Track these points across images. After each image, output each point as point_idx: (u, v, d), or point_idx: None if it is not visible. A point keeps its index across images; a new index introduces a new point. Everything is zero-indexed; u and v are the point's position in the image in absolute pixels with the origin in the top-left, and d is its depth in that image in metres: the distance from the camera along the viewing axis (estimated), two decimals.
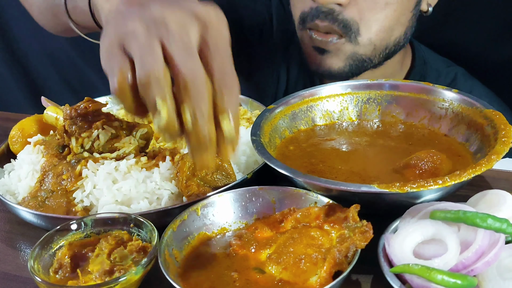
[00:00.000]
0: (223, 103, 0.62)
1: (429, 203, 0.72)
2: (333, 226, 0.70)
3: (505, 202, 0.70)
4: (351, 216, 0.69)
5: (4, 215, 0.90)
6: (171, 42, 0.60)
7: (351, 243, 0.65)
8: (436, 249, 0.66)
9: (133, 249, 0.71)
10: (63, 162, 0.88)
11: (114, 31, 0.63)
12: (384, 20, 1.08)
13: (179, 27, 0.61)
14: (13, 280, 0.76)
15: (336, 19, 1.07)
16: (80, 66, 1.99)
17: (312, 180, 0.74)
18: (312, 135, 0.95)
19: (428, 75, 1.27)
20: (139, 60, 0.60)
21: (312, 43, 1.13)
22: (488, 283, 0.62)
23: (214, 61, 0.62)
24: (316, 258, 0.66)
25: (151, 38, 0.60)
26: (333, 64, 1.13)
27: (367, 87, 0.99)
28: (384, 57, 1.15)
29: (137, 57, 0.60)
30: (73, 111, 0.90)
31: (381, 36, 1.10)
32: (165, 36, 0.60)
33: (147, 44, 0.60)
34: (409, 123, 0.96)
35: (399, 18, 1.10)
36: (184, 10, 0.62)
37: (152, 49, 0.60)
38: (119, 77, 0.61)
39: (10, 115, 1.27)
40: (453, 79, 1.27)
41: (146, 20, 0.61)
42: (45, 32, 1.08)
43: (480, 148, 0.83)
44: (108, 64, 0.62)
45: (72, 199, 0.85)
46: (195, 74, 0.60)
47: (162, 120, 0.60)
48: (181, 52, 0.60)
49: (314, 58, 1.15)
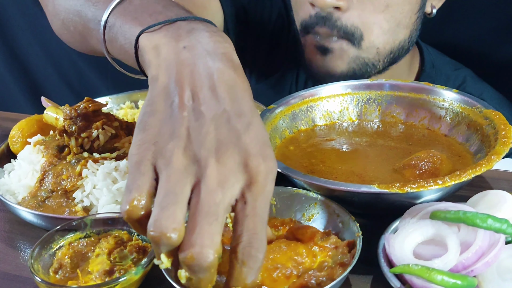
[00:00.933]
0: (240, 276, 0.53)
1: (429, 203, 0.72)
2: (322, 251, 0.68)
3: (505, 202, 0.70)
4: (342, 250, 0.68)
5: (4, 215, 0.90)
6: (202, 198, 0.52)
7: (326, 275, 0.64)
8: (436, 249, 0.66)
9: (133, 249, 0.71)
10: (63, 162, 0.88)
11: (154, 135, 0.56)
12: (385, 22, 1.06)
13: (217, 182, 0.53)
14: (13, 280, 0.76)
15: (335, 25, 1.05)
16: (80, 66, 1.99)
17: (312, 180, 0.74)
18: (312, 135, 0.96)
19: (437, 78, 1.25)
20: (160, 200, 0.52)
21: (315, 43, 1.11)
22: (488, 283, 0.62)
23: (246, 221, 0.53)
24: (291, 273, 0.65)
25: (184, 179, 0.53)
26: (336, 66, 1.11)
27: (367, 87, 0.99)
28: (388, 62, 1.14)
29: (160, 195, 0.53)
30: (73, 111, 0.90)
31: (383, 39, 1.09)
32: (199, 186, 0.53)
33: (175, 186, 0.52)
34: (409, 123, 0.96)
35: (401, 21, 1.08)
36: (235, 155, 0.54)
37: (176, 199, 0.52)
38: (134, 201, 0.53)
39: (10, 115, 1.27)
40: (462, 82, 1.26)
41: (189, 150, 0.54)
42: (45, 32, 1.08)
43: (480, 149, 0.83)
44: (133, 175, 0.55)
45: (72, 199, 0.85)
46: (203, 252, 0.51)
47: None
48: (204, 217, 0.51)
49: (316, 60, 1.13)
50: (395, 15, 1.06)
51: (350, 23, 1.05)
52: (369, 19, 1.05)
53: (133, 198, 0.53)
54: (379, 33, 1.07)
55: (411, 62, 1.26)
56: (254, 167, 0.54)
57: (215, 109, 0.57)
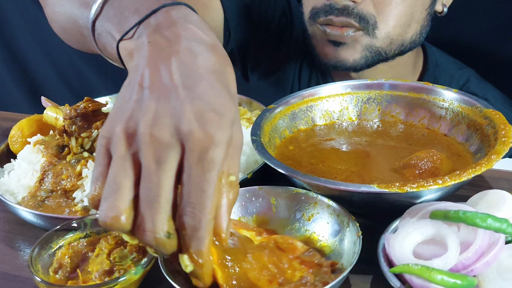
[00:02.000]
0: (184, 244, 0.55)
1: (429, 203, 0.72)
2: (302, 267, 0.67)
3: (505, 202, 0.70)
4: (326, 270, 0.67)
5: (3, 215, 0.90)
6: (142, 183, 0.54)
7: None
8: (436, 249, 0.66)
9: (132, 249, 0.71)
10: (63, 162, 0.88)
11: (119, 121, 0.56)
12: (400, 15, 1.09)
13: (154, 161, 0.53)
14: (12, 280, 0.76)
15: (352, 13, 1.07)
16: (79, 66, 1.99)
17: (312, 180, 0.74)
18: (312, 135, 0.95)
19: (440, 78, 1.26)
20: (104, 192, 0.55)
21: (326, 37, 1.13)
22: (488, 283, 0.62)
23: (185, 191, 0.54)
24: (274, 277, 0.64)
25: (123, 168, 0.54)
26: (349, 55, 1.12)
27: (367, 87, 0.99)
28: (398, 52, 1.16)
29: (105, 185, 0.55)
30: (73, 111, 0.90)
31: (397, 31, 1.11)
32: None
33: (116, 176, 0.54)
34: (409, 123, 0.96)
35: (413, 14, 1.11)
36: (169, 126, 0.53)
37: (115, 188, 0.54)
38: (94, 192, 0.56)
39: (10, 115, 1.27)
40: (466, 82, 1.27)
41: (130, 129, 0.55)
42: (45, 32, 1.07)
43: (480, 148, 0.83)
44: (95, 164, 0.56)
45: (71, 199, 0.85)
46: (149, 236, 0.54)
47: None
48: (146, 204, 0.54)
49: (328, 51, 1.14)
50: (407, 9, 1.09)
51: (366, 11, 1.08)
52: (383, 10, 1.08)
53: (93, 189, 0.56)
54: (391, 24, 1.10)
55: (416, 62, 1.27)
56: (186, 134, 0.53)
57: (163, 86, 0.56)
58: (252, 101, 1.12)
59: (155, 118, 0.54)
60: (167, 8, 0.64)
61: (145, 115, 0.54)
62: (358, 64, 1.13)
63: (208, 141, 0.53)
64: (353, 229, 0.70)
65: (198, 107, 0.54)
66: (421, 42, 1.19)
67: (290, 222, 0.76)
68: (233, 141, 0.56)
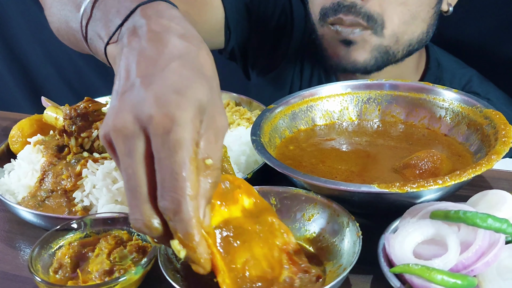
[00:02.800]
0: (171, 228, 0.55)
1: (429, 203, 0.72)
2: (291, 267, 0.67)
3: (505, 202, 0.70)
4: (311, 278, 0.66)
5: (3, 215, 0.90)
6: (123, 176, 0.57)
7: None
8: (436, 249, 0.66)
9: (132, 249, 0.71)
10: (63, 162, 0.88)
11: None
12: (404, 13, 1.10)
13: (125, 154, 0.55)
14: (12, 280, 0.76)
15: (359, 12, 1.08)
16: (80, 66, 1.99)
17: (312, 180, 0.74)
18: (312, 135, 0.95)
19: (442, 77, 1.27)
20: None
21: (338, 37, 1.13)
22: (488, 283, 0.62)
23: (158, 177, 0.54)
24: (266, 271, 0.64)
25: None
26: (359, 56, 1.13)
27: (367, 87, 0.99)
28: (406, 53, 1.17)
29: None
30: (73, 111, 0.90)
31: (402, 29, 1.12)
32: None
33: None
34: (409, 123, 0.96)
35: (419, 13, 1.12)
36: (130, 114, 0.54)
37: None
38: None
39: (10, 115, 1.27)
40: (468, 81, 1.27)
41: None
42: (45, 32, 1.08)
43: (480, 148, 0.83)
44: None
45: (72, 198, 0.85)
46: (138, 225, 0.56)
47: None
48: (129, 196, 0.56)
49: (339, 51, 1.15)
50: (413, 7, 1.10)
51: (372, 10, 1.09)
52: (389, 9, 1.09)
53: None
54: (398, 22, 1.11)
55: (418, 61, 1.28)
56: (146, 119, 0.53)
57: (128, 83, 0.57)
58: (252, 101, 1.12)
59: (117, 113, 0.55)
60: (142, 7, 0.65)
61: (111, 115, 0.56)
62: (368, 65, 1.14)
63: (168, 121, 0.52)
64: (353, 229, 0.70)
65: (158, 92, 0.54)
66: (427, 41, 1.20)
67: (290, 222, 0.76)
68: (212, 123, 0.56)
